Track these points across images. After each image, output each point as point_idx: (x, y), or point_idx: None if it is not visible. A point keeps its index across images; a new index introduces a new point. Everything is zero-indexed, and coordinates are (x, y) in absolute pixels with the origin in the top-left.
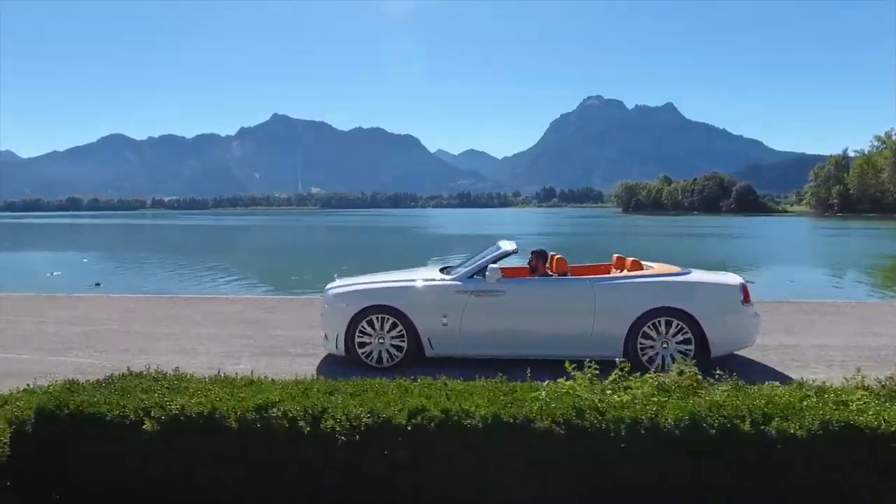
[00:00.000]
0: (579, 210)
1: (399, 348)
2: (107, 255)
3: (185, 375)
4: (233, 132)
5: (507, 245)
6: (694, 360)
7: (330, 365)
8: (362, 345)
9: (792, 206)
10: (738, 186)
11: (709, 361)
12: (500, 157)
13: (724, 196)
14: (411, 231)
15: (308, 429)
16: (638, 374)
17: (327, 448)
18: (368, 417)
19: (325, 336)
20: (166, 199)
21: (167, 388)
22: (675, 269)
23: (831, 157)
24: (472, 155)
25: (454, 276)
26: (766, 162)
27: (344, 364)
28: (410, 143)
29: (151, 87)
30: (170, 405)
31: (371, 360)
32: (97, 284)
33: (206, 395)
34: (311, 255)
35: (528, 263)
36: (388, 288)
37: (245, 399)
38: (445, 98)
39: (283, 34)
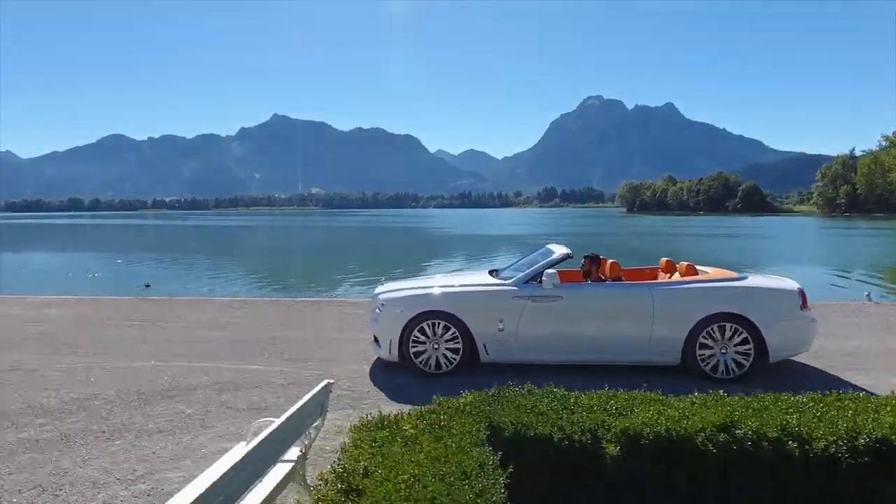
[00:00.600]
0: (583, 210)
1: (454, 354)
2: (138, 257)
3: (562, 391)
4: (233, 132)
5: (560, 249)
6: None
7: (381, 371)
8: (417, 350)
9: (794, 206)
10: (744, 186)
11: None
12: (500, 157)
13: (730, 196)
14: (425, 232)
15: (798, 451)
16: None
17: (816, 472)
18: (865, 439)
19: (376, 340)
20: (167, 199)
21: (567, 406)
22: (733, 273)
23: (838, 156)
24: (472, 155)
25: (510, 280)
26: (766, 161)
27: (395, 369)
28: (410, 143)
29: (151, 88)
30: (614, 425)
31: (425, 366)
32: (147, 286)
33: (645, 415)
34: (341, 255)
35: (581, 268)
36: (443, 293)
37: (697, 417)
38: (445, 98)
39: (283, 34)
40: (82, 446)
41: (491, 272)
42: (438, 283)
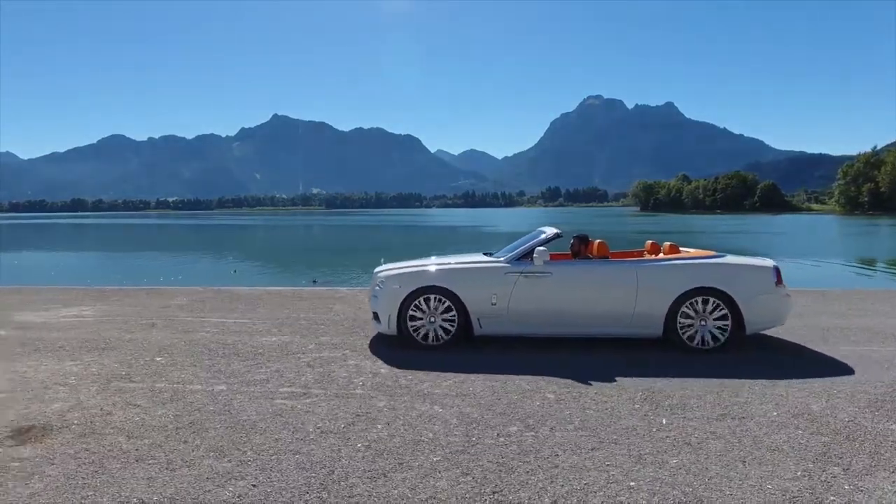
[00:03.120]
0: (592, 209)
1: (448, 328)
2: (236, 256)
3: None
4: (233, 133)
5: (551, 229)
6: None
7: (381, 346)
8: (414, 324)
9: (800, 203)
10: (763, 185)
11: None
12: (500, 157)
13: (748, 194)
14: (445, 229)
15: None
16: None
17: None
18: None
19: (376, 316)
20: (171, 200)
21: None
22: (712, 252)
23: (860, 154)
24: (473, 155)
25: (503, 258)
26: (766, 160)
27: (389, 343)
28: (411, 143)
29: (151, 88)
30: None
31: (422, 339)
32: (314, 282)
33: None
34: (394, 251)
35: (570, 248)
36: (440, 270)
37: None
38: (445, 98)
39: (283, 34)
40: None
41: (486, 254)
42: (435, 261)
